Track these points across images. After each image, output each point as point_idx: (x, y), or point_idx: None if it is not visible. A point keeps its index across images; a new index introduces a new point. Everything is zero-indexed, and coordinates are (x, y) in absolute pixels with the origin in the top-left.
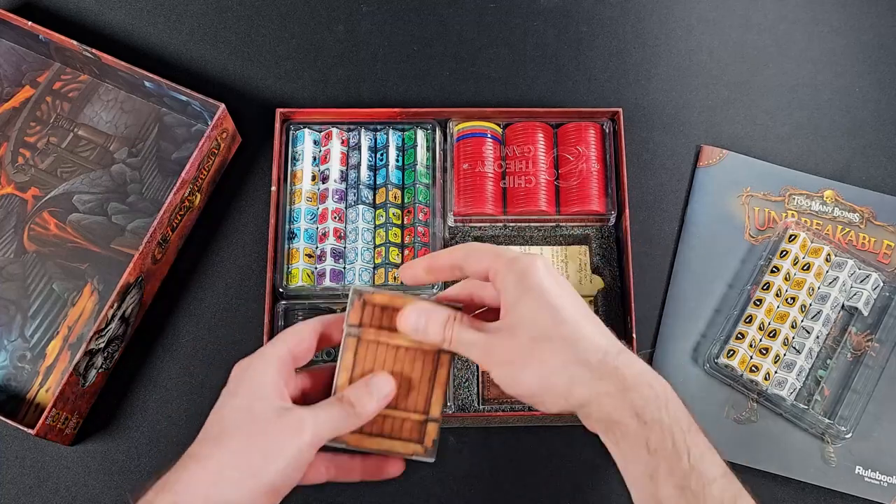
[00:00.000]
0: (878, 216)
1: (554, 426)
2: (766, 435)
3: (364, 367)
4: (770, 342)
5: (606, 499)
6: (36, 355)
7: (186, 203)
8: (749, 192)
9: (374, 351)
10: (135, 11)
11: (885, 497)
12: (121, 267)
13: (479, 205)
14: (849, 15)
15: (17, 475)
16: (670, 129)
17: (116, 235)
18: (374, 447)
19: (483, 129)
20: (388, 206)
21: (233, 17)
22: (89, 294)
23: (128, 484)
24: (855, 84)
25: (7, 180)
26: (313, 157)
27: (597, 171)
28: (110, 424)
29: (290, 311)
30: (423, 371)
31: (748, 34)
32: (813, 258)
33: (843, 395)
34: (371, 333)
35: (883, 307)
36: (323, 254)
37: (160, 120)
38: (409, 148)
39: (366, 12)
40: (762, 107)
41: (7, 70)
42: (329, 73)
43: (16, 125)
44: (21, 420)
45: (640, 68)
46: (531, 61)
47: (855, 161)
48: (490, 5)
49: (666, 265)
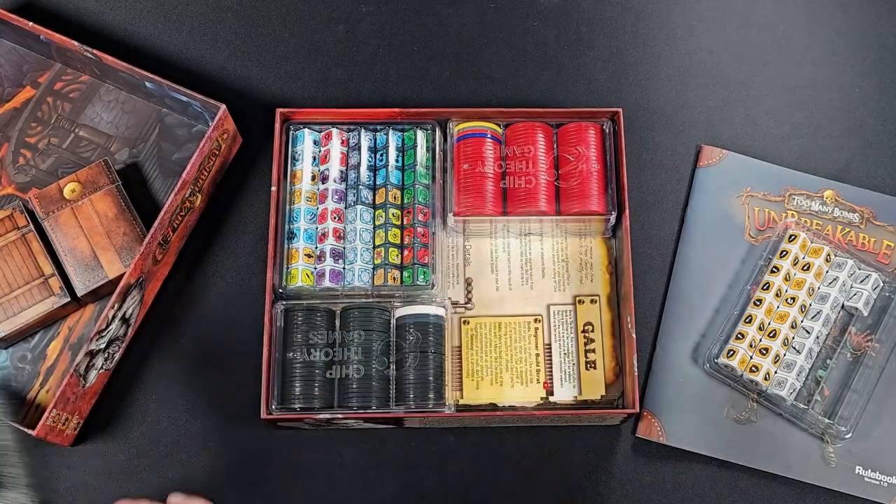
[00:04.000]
0: (878, 216)
1: (554, 426)
2: (766, 435)
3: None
4: (770, 342)
5: (606, 499)
6: (36, 356)
7: (187, 204)
8: (749, 192)
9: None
10: (135, 11)
11: (885, 497)
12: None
13: (480, 205)
14: (849, 15)
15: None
16: (670, 129)
17: None
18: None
19: (483, 129)
20: (387, 207)
21: (233, 17)
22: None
23: (128, 484)
24: (855, 84)
25: (8, 181)
26: (313, 157)
27: (597, 171)
28: (111, 425)
29: (289, 312)
30: None
31: (748, 34)
32: (813, 258)
33: (843, 395)
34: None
35: (883, 307)
36: (322, 254)
37: (161, 121)
38: (409, 148)
39: (366, 12)
40: (762, 107)
41: (8, 70)
42: (329, 73)
43: (17, 126)
44: (22, 421)
45: (640, 68)
46: (531, 61)
47: (855, 161)
48: (490, 5)
49: (666, 265)
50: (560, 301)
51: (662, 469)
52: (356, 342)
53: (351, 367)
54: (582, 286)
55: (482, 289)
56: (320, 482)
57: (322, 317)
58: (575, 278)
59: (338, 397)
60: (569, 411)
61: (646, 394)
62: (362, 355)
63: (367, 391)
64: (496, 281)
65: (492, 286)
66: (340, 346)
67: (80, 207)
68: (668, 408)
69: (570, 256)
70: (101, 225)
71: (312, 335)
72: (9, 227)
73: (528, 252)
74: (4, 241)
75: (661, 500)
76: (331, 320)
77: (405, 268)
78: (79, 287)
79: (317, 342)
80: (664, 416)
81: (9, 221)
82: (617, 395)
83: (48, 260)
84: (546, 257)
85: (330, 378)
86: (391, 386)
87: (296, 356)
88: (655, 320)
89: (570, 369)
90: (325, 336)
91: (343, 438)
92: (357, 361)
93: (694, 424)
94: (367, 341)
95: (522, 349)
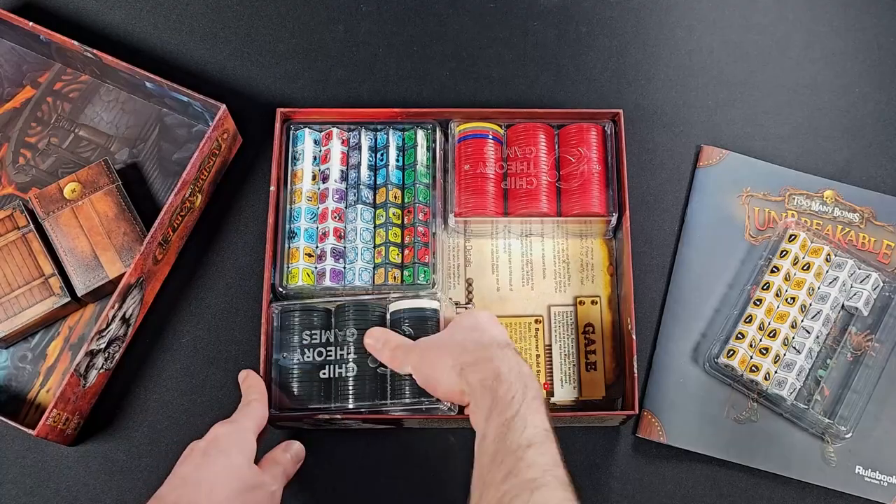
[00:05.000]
0: (878, 216)
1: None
2: (766, 435)
3: None
4: (770, 342)
5: (606, 499)
6: (37, 356)
7: (187, 204)
8: (749, 192)
9: None
10: (135, 11)
11: (885, 497)
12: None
13: (481, 206)
14: (849, 15)
15: (18, 475)
16: (670, 130)
17: None
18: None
19: (484, 129)
20: (388, 206)
21: (233, 17)
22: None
23: (128, 484)
24: (855, 84)
25: (8, 181)
26: (313, 157)
27: (598, 172)
28: (111, 425)
29: (284, 313)
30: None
31: (748, 34)
32: (813, 258)
33: (843, 394)
34: None
35: (883, 307)
36: (323, 253)
37: (161, 120)
38: (410, 148)
39: (366, 12)
40: (762, 107)
41: (8, 70)
42: (329, 73)
43: (17, 126)
44: (22, 420)
45: (640, 68)
46: (531, 61)
47: (855, 161)
48: (490, 5)
49: (666, 265)
50: (561, 302)
51: (663, 469)
52: (350, 340)
53: (346, 365)
54: (583, 287)
55: (483, 289)
56: (319, 482)
57: (318, 316)
58: (576, 279)
59: (335, 396)
60: (569, 413)
61: (646, 394)
62: (356, 353)
63: (361, 390)
64: (497, 281)
65: (492, 287)
66: (335, 344)
67: (80, 207)
68: (669, 408)
69: (571, 257)
70: (102, 225)
71: (307, 335)
72: (9, 227)
73: (529, 253)
74: (4, 241)
75: (662, 500)
76: (326, 319)
77: (406, 267)
78: (79, 287)
79: (311, 342)
80: (664, 416)
81: (9, 221)
82: (617, 396)
83: (48, 260)
84: (547, 258)
85: (325, 378)
86: (387, 384)
87: (291, 357)
88: (655, 320)
89: (571, 370)
90: (318, 336)
91: (343, 438)
92: (352, 360)
93: (694, 424)
94: (361, 339)
95: (523, 350)
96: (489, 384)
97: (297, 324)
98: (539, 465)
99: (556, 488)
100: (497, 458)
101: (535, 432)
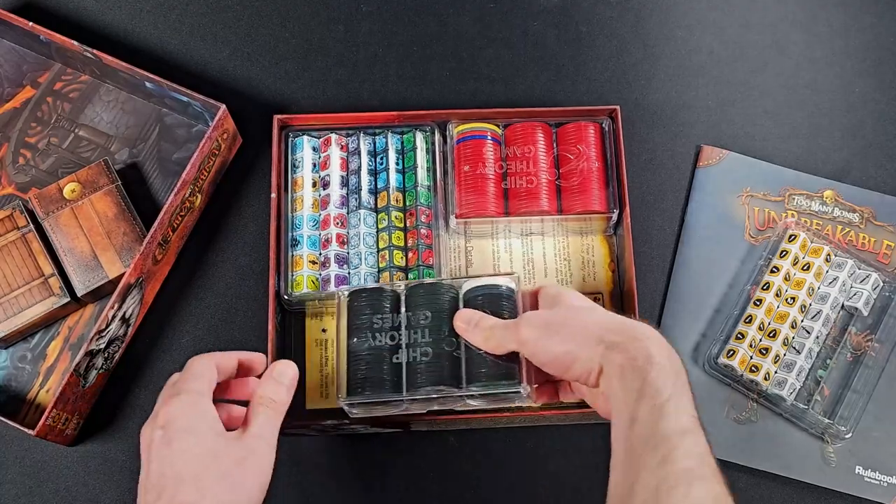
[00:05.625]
0: (878, 216)
1: (554, 426)
2: (766, 435)
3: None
4: (770, 342)
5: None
6: (36, 356)
7: (187, 204)
8: (749, 192)
9: None
10: (135, 11)
11: (885, 497)
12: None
13: (482, 206)
14: (849, 15)
15: (18, 475)
16: (670, 129)
17: None
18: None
19: (483, 130)
20: (389, 210)
21: (233, 17)
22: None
23: (128, 484)
24: (855, 84)
25: (8, 181)
26: (313, 164)
27: (597, 169)
28: (111, 425)
29: (353, 294)
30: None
31: (748, 34)
32: (813, 258)
33: (843, 395)
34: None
35: (883, 307)
36: (327, 260)
37: (161, 120)
38: (409, 151)
39: (366, 12)
40: (762, 107)
41: (8, 70)
42: (329, 74)
43: (17, 126)
44: (21, 421)
45: (640, 68)
46: (531, 61)
47: (855, 161)
48: (490, 5)
49: (666, 265)
50: None
51: None
52: (424, 323)
53: (419, 349)
54: (584, 284)
55: None
56: (322, 486)
57: (387, 298)
58: (577, 276)
59: (406, 382)
60: (574, 410)
61: None
62: (431, 336)
63: (437, 374)
64: None
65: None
66: (406, 328)
67: (80, 207)
68: None
69: (572, 255)
70: (101, 225)
71: (378, 319)
72: (9, 227)
73: (531, 252)
74: (4, 241)
75: None
76: (395, 302)
77: (410, 269)
78: (79, 287)
79: (382, 325)
80: None
81: (9, 221)
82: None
83: (48, 260)
84: (548, 256)
85: (397, 363)
86: (461, 369)
87: (361, 342)
88: (655, 320)
89: None
90: (390, 319)
91: (346, 443)
92: (426, 343)
93: None
94: (436, 321)
95: None
96: (640, 364)
97: (366, 307)
98: (694, 454)
99: (713, 482)
100: (650, 442)
101: (688, 419)
